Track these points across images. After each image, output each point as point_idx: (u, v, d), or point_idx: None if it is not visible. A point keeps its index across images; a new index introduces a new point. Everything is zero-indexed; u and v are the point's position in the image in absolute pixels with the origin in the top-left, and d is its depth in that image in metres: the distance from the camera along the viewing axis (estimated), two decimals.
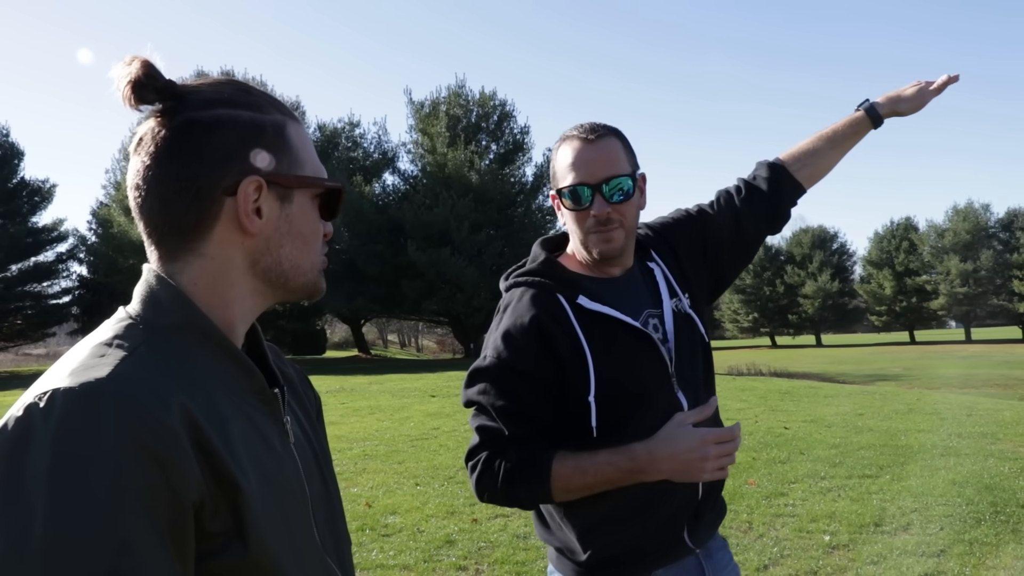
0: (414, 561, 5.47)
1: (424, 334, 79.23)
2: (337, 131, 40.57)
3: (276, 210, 1.09)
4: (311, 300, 1.19)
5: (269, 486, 1.03)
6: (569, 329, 1.85)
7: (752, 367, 26.16)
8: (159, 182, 1.04)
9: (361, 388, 18.49)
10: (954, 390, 20.17)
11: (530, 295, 1.90)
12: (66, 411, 0.88)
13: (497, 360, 1.86)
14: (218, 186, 1.05)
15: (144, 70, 1.04)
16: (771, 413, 12.18)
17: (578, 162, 1.88)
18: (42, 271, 41.17)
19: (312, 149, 1.15)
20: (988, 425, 10.66)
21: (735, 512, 6.35)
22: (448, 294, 34.94)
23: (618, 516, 1.87)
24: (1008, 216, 65.67)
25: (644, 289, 2.00)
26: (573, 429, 1.85)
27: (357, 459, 9.17)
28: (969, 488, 6.98)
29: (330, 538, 1.17)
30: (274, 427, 1.11)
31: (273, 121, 1.10)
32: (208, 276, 1.08)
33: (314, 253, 1.15)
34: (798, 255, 70.61)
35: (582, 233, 1.91)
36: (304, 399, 1.29)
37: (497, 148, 38.66)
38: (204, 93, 1.07)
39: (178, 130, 1.04)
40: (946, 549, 5.40)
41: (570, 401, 1.84)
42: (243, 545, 0.97)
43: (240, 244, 1.08)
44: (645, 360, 1.89)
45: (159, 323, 1.04)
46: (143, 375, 0.95)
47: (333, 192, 1.16)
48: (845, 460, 8.35)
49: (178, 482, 0.91)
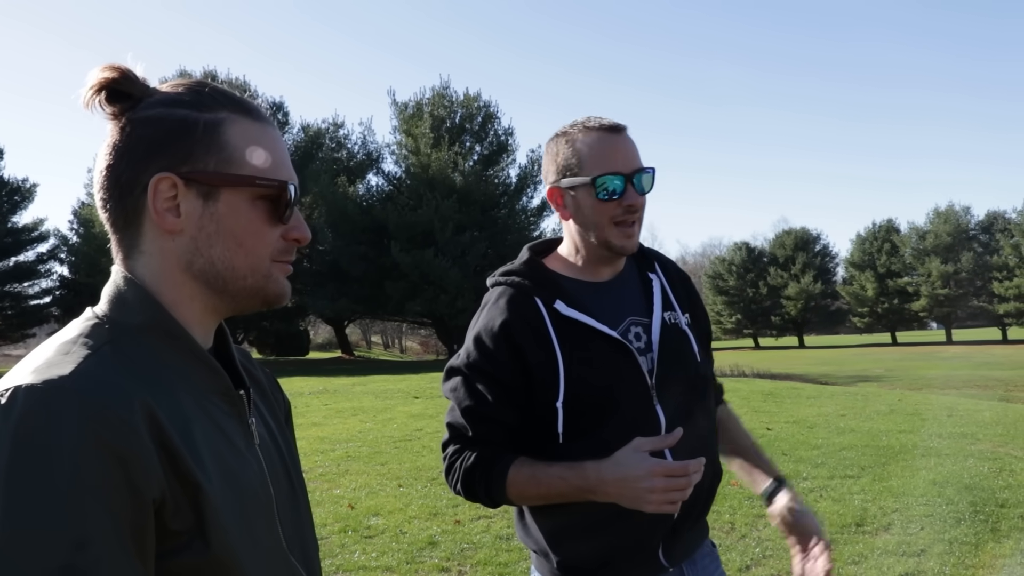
0: (397, 562, 5.46)
1: (408, 335, 79.17)
2: (321, 131, 40.46)
3: (198, 208, 1.07)
4: (269, 306, 1.15)
5: (232, 487, 1.03)
6: (543, 333, 1.82)
7: (735, 368, 26.23)
8: (100, 181, 1.08)
9: (344, 389, 18.44)
10: (935, 391, 20.31)
11: (507, 297, 1.88)
12: (27, 408, 0.88)
13: (467, 361, 1.86)
14: (137, 183, 1.06)
15: (113, 75, 1.06)
16: (754, 414, 12.21)
17: (609, 152, 1.83)
18: (22, 271, 40.87)
19: (269, 148, 1.11)
20: (968, 425, 10.74)
21: (718, 513, 6.37)
22: (432, 295, 34.88)
23: (586, 524, 1.83)
24: (988, 218, 66.20)
25: (635, 296, 1.96)
26: (540, 433, 1.83)
27: (340, 460, 9.15)
28: (949, 488, 7.04)
29: (296, 540, 1.17)
30: (239, 428, 1.11)
31: (209, 119, 1.08)
32: (153, 274, 1.08)
33: (254, 256, 1.11)
34: (781, 257, 70.93)
35: (604, 226, 1.85)
36: (272, 402, 1.30)
37: (481, 149, 38.63)
38: (159, 95, 1.09)
39: (117, 131, 1.07)
40: (926, 549, 5.44)
41: (537, 406, 1.82)
42: (205, 544, 0.97)
43: (170, 243, 1.07)
44: (620, 370, 1.83)
45: (125, 322, 1.04)
46: (106, 373, 0.95)
47: (277, 192, 1.11)
48: (827, 461, 8.39)
49: (139, 480, 0.91)
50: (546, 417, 1.81)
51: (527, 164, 38.76)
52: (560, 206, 1.92)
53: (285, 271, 1.15)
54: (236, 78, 37.11)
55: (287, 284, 1.16)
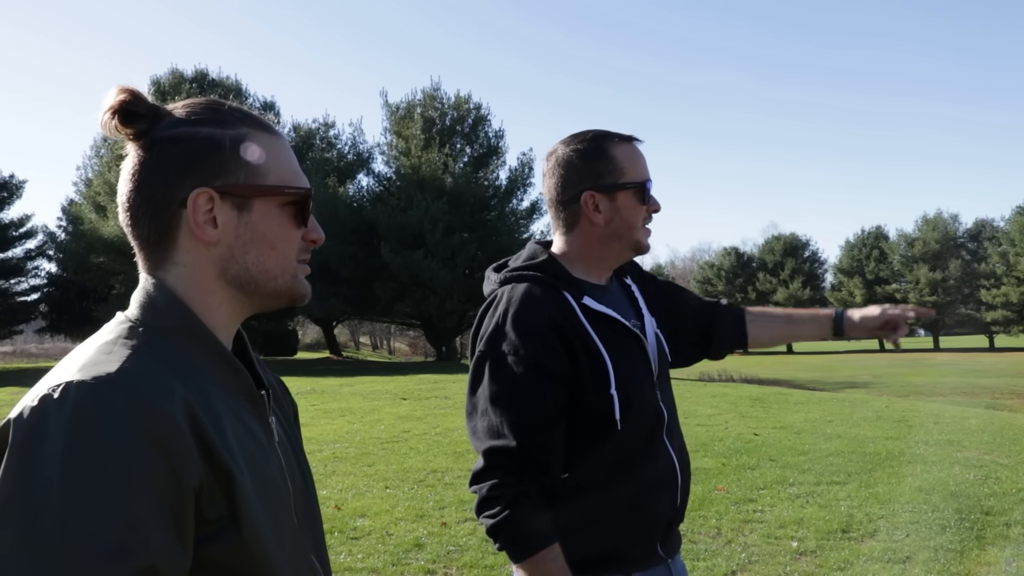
0: (383, 564, 5.44)
1: (396, 336, 79.01)
2: (312, 132, 40.29)
3: (233, 219, 1.15)
4: (294, 304, 1.24)
5: (258, 480, 1.09)
6: (581, 325, 1.89)
7: (723, 373, 26.29)
8: (129, 200, 1.14)
9: (332, 390, 18.39)
10: (922, 398, 20.41)
11: (540, 291, 1.90)
12: (79, 402, 0.95)
13: (517, 358, 1.82)
14: (174, 200, 1.13)
15: (126, 97, 1.12)
16: (741, 419, 12.25)
17: (641, 161, 2.01)
18: (9, 268, 40.59)
19: (285, 158, 1.21)
20: (954, 433, 10.79)
21: (704, 518, 6.38)
22: (421, 296, 34.82)
23: (593, 519, 1.88)
24: (976, 226, 66.65)
25: (624, 300, 2.09)
26: (594, 425, 1.87)
27: (327, 461, 9.12)
28: (935, 495, 7.07)
29: (309, 533, 1.24)
30: (261, 426, 1.18)
31: (234, 135, 1.16)
32: (185, 283, 1.15)
33: (284, 258, 1.20)
34: (770, 262, 71.27)
35: (639, 228, 2.00)
36: (284, 404, 1.36)
37: (472, 151, 38.57)
38: (176, 114, 1.16)
39: (143, 151, 1.14)
40: (912, 555, 5.46)
41: (590, 396, 1.86)
42: (237, 531, 1.04)
43: (206, 253, 1.15)
44: (638, 364, 1.96)
45: (157, 326, 1.11)
46: (148, 371, 1.02)
47: (303, 199, 1.21)
48: (814, 467, 8.42)
49: (181, 469, 0.98)
50: (601, 407, 1.86)
51: (517, 167, 38.74)
52: (593, 210, 1.97)
53: (305, 271, 1.24)
54: (227, 77, 36.86)
55: (308, 284, 1.25)
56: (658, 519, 1.95)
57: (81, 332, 36.04)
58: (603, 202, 1.96)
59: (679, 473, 1.98)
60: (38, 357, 47.44)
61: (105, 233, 32.27)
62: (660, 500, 1.94)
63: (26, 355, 50.07)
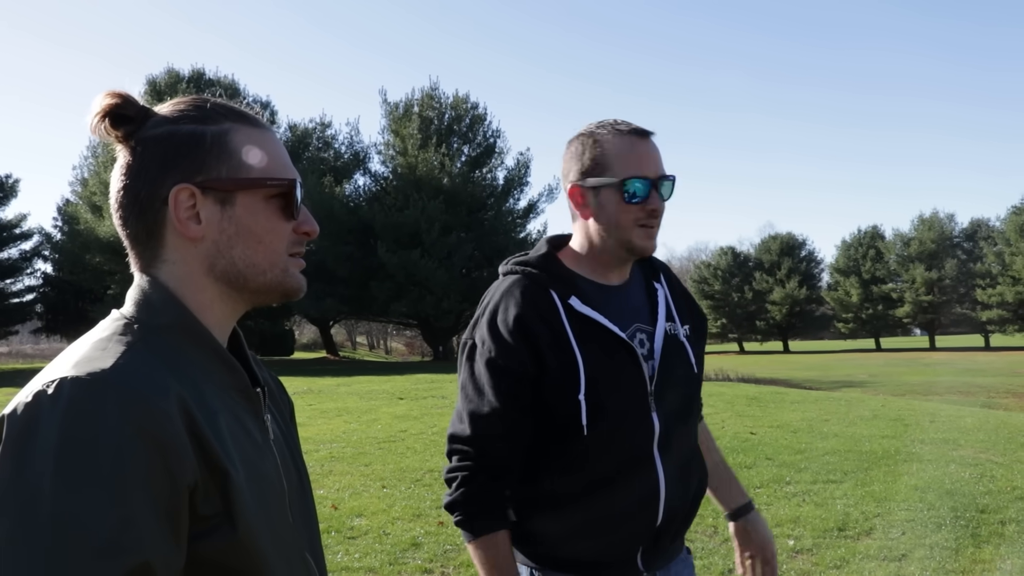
0: (380, 564, 5.45)
1: (393, 336, 79.03)
2: (308, 131, 40.27)
3: (217, 214, 1.15)
4: (288, 299, 1.23)
5: (253, 477, 1.09)
6: (558, 327, 1.83)
7: (720, 373, 26.30)
8: (118, 200, 1.15)
9: (329, 390, 18.38)
10: (918, 397, 20.44)
11: (521, 288, 1.87)
12: (73, 398, 0.95)
13: (485, 352, 1.84)
14: (157, 198, 1.13)
15: (115, 101, 1.13)
16: (738, 418, 12.26)
17: (638, 155, 1.86)
18: (5, 268, 40.48)
19: (271, 151, 1.19)
20: (950, 431, 10.81)
21: (700, 516, 6.38)
22: (417, 296, 34.81)
23: (574, 525, 1.85)
24: (972, 226, 66.76)
25: (641, 303, 1.98)
26: (560, 430, 1.83)
27: (324, 461, 9.13)
28: (931, 493, 7.08)
29: (304, 531, 1.23)
30: (256, 424, 1.18)
31: (216, 131, 1.15)
32: (177, 281, 1.15)
33: (273, 252, 1.19)
34: (767, 262, 71.24)
35: (627, 227, 1.86)
36: (280, 402, 1.36)
37: (469, 151, 38.57)
38: (162, 114, 1.17)
39: (129, 152, 1.15)
40: (907, 554, 5.47)
41: (557, 400, 1.82)
42: (231, 528, 1.04)
43: (193, 249, 1.15)
44: (625, 373, 1.85)
45: (152, 323, 1.11)
46: (143, 367, 1.02)
47: (288, 190, 1.19)
48: (810, 465, 8.43)
49: (175, 466, 0.97)
50: (569, 411, 1.81)
51: (515, 167, 38.79)
52: (581, 205, 1.91)
53: (299, 265, 1.23)
54: (224, 76, 36.85)
55: (303, 278, 1.24)
56: (637, 532, 1.87)
57: (77, 332, 35.61)
58: (588, 196, 1.89)
59: (663, 489, 1.86)
60: (34, 358, 47.33)
61: (101, 233, 32.23)
62: (636, 516, 1.86)
63: (22, 356, 50.00)
